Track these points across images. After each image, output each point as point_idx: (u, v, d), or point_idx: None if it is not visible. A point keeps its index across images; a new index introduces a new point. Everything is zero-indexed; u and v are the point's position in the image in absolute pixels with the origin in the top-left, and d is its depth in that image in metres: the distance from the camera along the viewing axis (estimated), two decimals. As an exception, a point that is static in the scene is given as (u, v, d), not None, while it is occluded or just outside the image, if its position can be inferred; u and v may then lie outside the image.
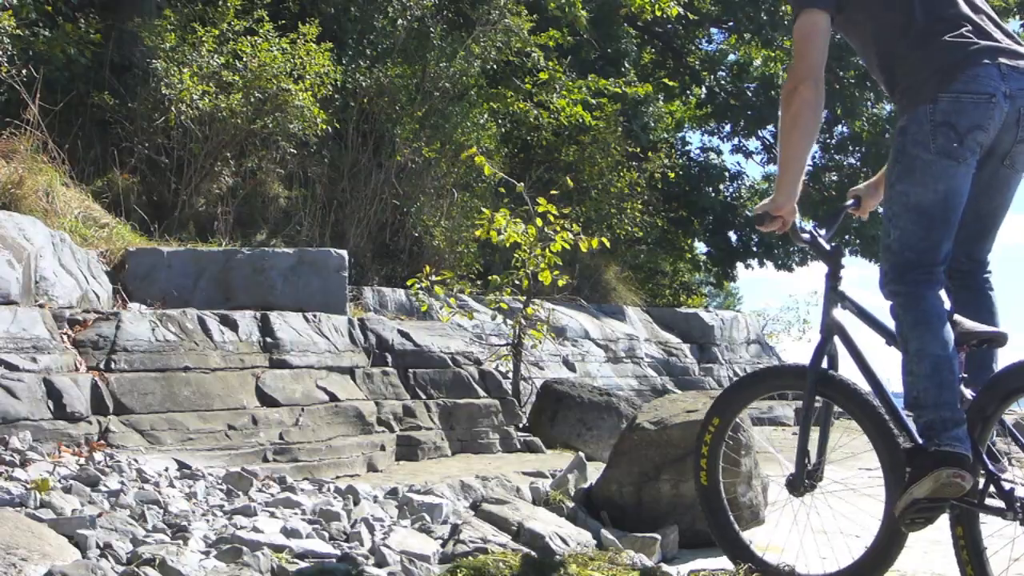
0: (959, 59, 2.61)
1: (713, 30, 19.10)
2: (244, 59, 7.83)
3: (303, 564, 2.75)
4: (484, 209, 7.94)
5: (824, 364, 2.98)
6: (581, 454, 4.73)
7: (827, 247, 2.96)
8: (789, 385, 3.17)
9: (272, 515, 3.16)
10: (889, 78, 2.79)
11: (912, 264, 2.67)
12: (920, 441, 2.63)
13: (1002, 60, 2.61)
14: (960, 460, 2.53)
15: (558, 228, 7.30)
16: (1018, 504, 2.55)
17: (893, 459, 2.78)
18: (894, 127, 2.76)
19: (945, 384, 2.60)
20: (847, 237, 18.59)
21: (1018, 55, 2.65)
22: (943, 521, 2.77)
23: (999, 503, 2.59)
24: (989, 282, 2.90)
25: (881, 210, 2.90)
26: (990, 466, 2.60)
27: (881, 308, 2.84)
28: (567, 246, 7.37)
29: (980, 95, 2.58)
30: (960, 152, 2.59)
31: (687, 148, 19.28)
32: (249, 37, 7.95)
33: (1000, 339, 2.72)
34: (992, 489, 2.60)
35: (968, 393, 2.67)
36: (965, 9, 2.71)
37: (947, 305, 2.72)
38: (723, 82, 18.97)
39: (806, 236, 2.96)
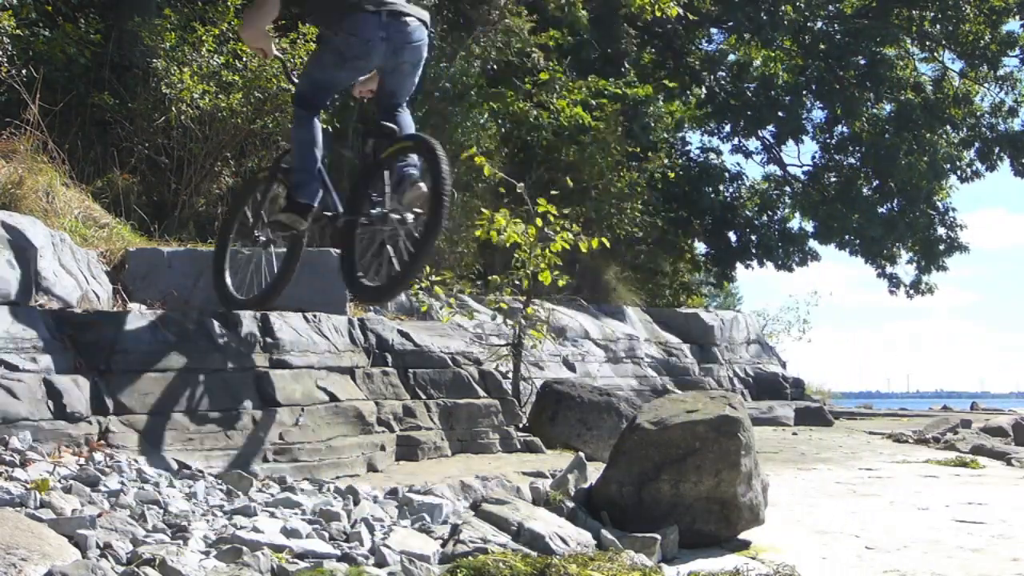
0: (351, 11, 4.17)
1: (713, 30, 19.11)
2: (244, 59, 7.82)
3: (303, 564, 2.75)
4: (484, 209, 7.94)
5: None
6: (581, 454, 4.73)
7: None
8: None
9: (272, 515, 3.16)
10: (311, 7, 4.44)
11: (305, 101, 4.47)
12: (293, 191, 4.43)
13: (384, 13, 4.20)
14: (304, 208, 4.34)
15: (558, 228, 7.30)
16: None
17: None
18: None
19: (307, 166, 4.39)
20: (847, 238, 18.60)
21: (399, 11, 4.25)
22: (941, 521, 2.83)
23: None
24: (401, 113, 4.56)
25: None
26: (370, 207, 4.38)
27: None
28: (567, 246, 7.37)
29: (360, 39, 4.20)
30: (342, 67, 4.35)
31: (687, 148, 19.28)
32: (249, 37, 7.93)
33: (391, 133, 4.43)
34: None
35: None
36: None
37: (318, 129, 4.48)
38: (723, 82, 18.97)
39: (277, 53, 4.76)
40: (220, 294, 4.90)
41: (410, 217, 4.25)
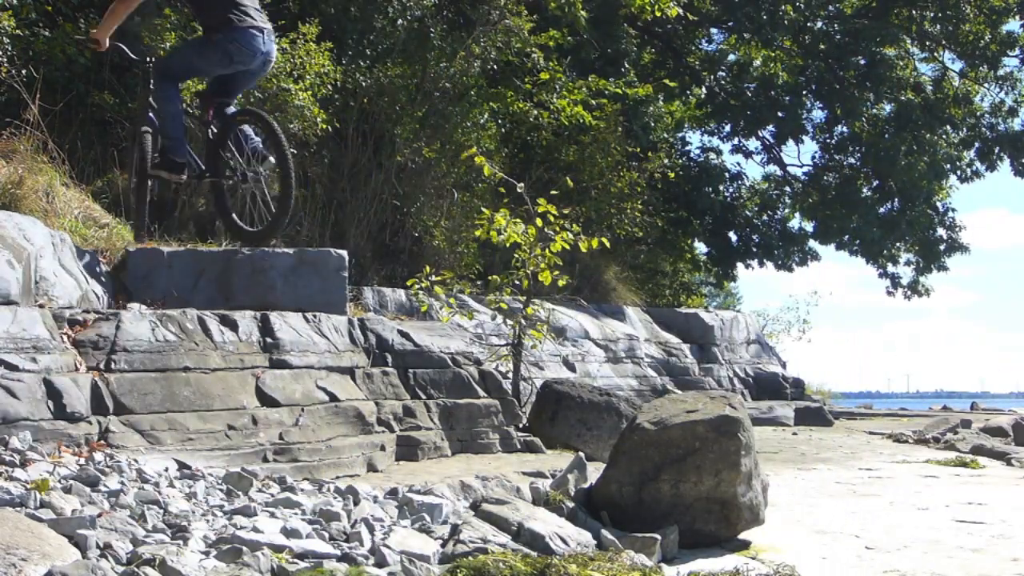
0: (243, 25, 5.45)
1: (713, 30, 19.09)
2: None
3: (303, 564, 2.75)
4: (484, 209, 7.94)
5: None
6: (581, 454, 4.73)
7: (132, 55, 5.80)
8: None
9: (272, 515, 3.16)
10: (199, 12, 5.70)
11: (172, 77, 5.65)
12: (167, 151, 5.62)
13: (265, 32, 5.55)
14: (179, 166, 5.61)
15: (558, 228, 7.30)
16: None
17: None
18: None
19: (177, 133, 5.58)
20: (846, 238, 18.60)
21: (269, 31, 5.60)
22: (942, 521, 2.83)
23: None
24: (229, 106, 5.82)
25: None
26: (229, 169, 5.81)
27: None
28: (567, 246, 7.37)
29: (249, 51, 5.51)
30: (226, 66, 5.56)
31: (687, 148, 19.25)
32: (249, 37, 7.92)
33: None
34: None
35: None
36: (247, 3, 5.57)
37: (181, 99, 5.76)
38: (723, 82, 18.96)
39: (116, 46, 5.68)
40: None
41: (264, 174, 5.70)
